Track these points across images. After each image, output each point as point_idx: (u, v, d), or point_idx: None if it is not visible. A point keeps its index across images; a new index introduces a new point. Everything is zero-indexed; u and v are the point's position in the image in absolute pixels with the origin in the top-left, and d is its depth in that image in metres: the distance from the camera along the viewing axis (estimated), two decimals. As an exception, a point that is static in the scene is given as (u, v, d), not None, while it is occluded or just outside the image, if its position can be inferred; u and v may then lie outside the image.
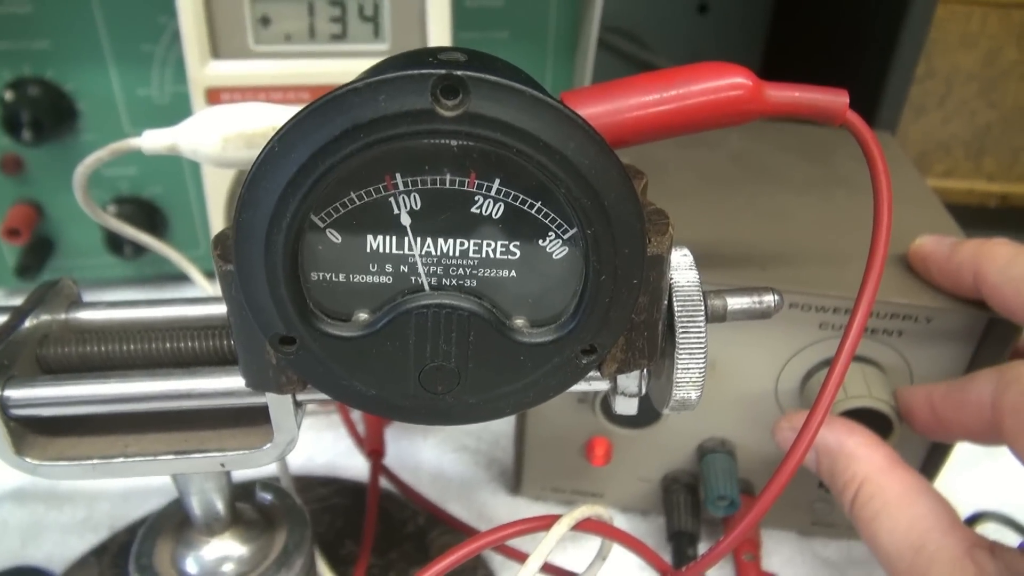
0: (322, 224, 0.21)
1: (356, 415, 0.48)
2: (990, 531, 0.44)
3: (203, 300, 0.29)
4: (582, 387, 0.24)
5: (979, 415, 0.33)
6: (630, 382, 0.25)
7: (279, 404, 0.25)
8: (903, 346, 0.37)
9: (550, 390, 0.23)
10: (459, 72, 0.18)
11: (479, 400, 0.23)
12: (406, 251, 0.21)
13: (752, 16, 0.83)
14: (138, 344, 0.26)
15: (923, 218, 0.42)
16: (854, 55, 0.63)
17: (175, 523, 0.31)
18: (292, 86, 0.44)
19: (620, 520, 0.46)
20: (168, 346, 0.26)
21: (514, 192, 0.20)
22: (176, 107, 0.53)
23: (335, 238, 0.21)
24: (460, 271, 0.22)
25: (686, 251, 0.25)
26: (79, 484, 0.45)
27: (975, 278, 0.34)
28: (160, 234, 0.57)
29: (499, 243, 0.21)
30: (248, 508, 0.32)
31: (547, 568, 0.30)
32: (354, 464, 0.47)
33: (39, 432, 0.26)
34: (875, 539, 0.32)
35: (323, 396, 0.24)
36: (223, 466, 0.26)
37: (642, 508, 0.46)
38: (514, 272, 0.22)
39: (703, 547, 0.43)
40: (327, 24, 0.44)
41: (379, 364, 0.22)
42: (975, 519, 0.44)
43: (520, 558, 0.36)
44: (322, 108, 0.19)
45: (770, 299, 0.26)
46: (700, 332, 0.24)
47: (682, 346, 0.24)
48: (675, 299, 0.24)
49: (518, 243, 0.21)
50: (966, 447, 0.36)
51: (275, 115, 0.30)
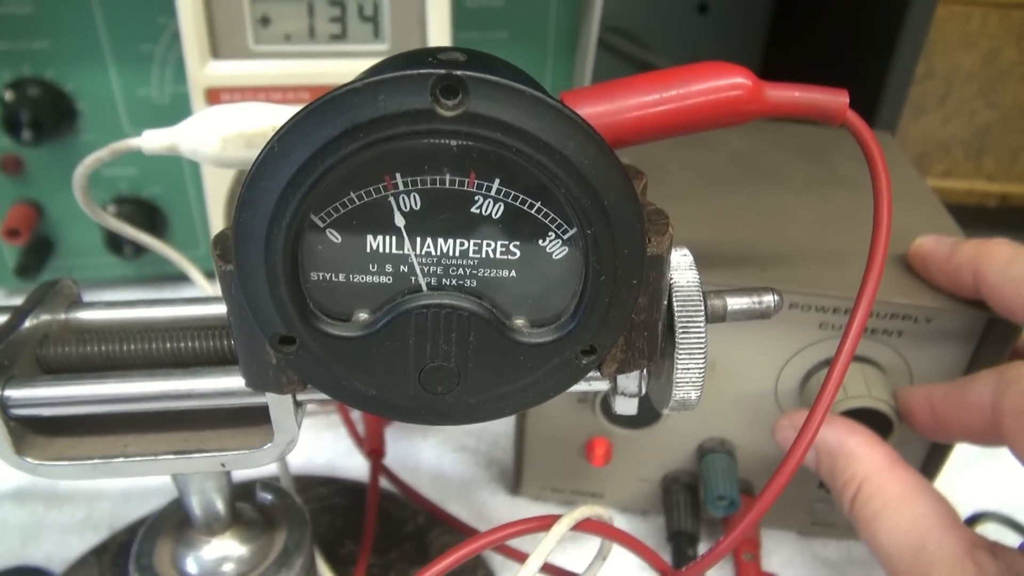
0: (322, 224, 0.21)
1: (356, 415, 0.48)
2: (990, 531, 0.44)
3: (203, 300, 0.29)
4: (582, 387, 0.24)
5: (979, 416, 0.33)
6: (630, 382, 0.25)
7: (279, 404, 0.25)
8: (903, 346, 0.37)
9: (550, 390, 0.23)
10: (459, 72, 0.18)
11: (479, 400, 0.23)
12: (406, 251, 0.21)
13: (752, 16, 0.83)
14: (138, 344, 0.26)
15: (923, 218, 0.42)
16: (854, 55, 0.63)
17: (175, 523, 0.31)
18: (292, 86, 0.44)
19: (620, 520, 0.46)
20: (168, 346, 0.26)
21: (514, 192, 0.20)
22: (176, 107, 0.53)
23: (335, 238, 0.21)
24: (460, 271, 0.22)
25: (686, 251, 0.25)
26: (79, 484, 0.45)
27: (975, 278, 0.34)
28: (160, 234, 0.57)
29: (499, 243, 0.21)
30: (248, 508, 0.32)
31: (547, 568, 0.30)
32: (354, 464, 0.47)
33: (39, 432, 0.26)
34: (875, 539, 0.32)
35: (323, 396, 0.24)
36: (223, 466, 0.26)
37: (642, 508, 0.46)
38: (514, 272, 0.22)
39: (703, 547, 0.43)
40: (327, 24, 0.44)
41: (379, 364, 0.22)
42: (975, 519, 0.44)
43: (520, 558, 0.36)
44: (322, 108, 0.19)
45: (770, 299, 0.26)
46: (700, 332, 0.24)
47: (682, 346, 0.24)
48: (675, 299, 0.24)
49: (518, 243, 0.21)
50: (966, 447, 0.36)
51: (275, 115, 0.30)
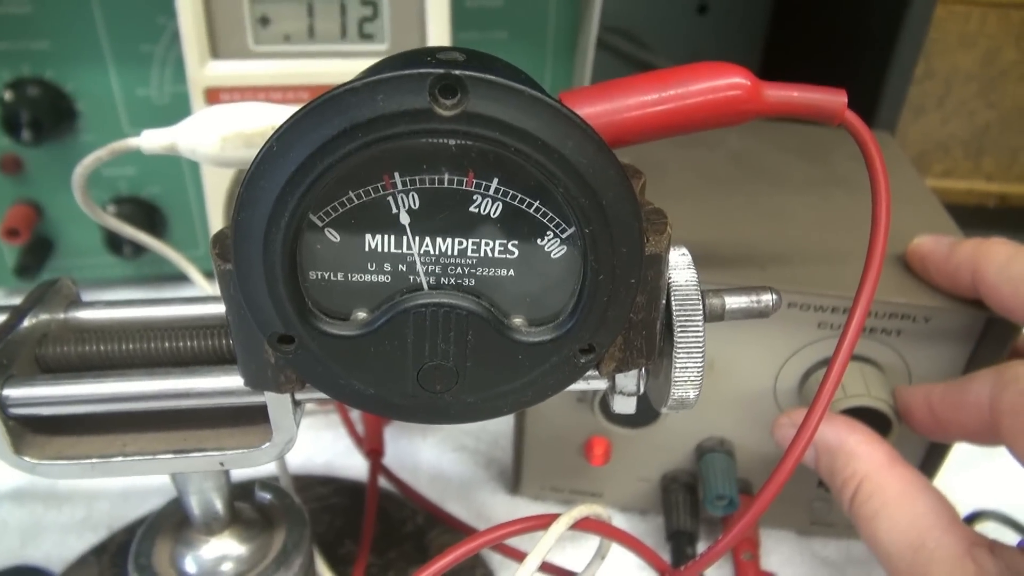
0: (320, 223, 0.21)
1: (355, 415, 0.48)
2: (989, 530, 0.44)
3: (202, 299, 0.29)
4: (580, 386, 0.24)
5: (977, 415, 0.33)
6: (628, 381, 0.25)
7: (278, 403, 0.25)
8: (902, 345, 0.37)
9: (548, 389, 0.23)
10: (457, 71, 0.18)
11: (477, 399, 0.23)
12: (404, 250, 0.21)
13: (751, 16, 0.83)
14: (137, 343, 0.26)
15: (922, 218, 0.42)
16: (853, 55, 0.63)
17: (174, 522, 0.31)
18: (291, 86, 0.44)
19: (619, 519, 0.46)
20: (167, 345, 0.26)
21: (512, 191, 0.21)
22: (175, 107, 0.53)
23: (333, 237, 0.21)
24: (458, 270, 0.22)
25: (684, 250, 0.25)
26: (78, 484, 0.45)
27: (973, 277, 0.34)
28: (159, 234, 0.57)
29: (497, 242, 0.21)
30: (247, 507, 0.32)
31: (546, 567, 0.30)
32: (353, 464, 0.47)
33: (38, 431, 0.26)
34: (874, 537, 0.32)
35: (322, 395, 0.24)
36: (222, 465, 0.26)
37: (641, 507, 0.46)
38: (512, 271, 0.22)
39: (702, 546, 0.43)
40: (326, 24, 0.44)
41: (377, 363, 0.22)
42: (974, 518, 0.44)
43: (519, 557, 0.36)
44: (320, 107, 0.19)
45: (768, 298, 0.26)
46: (698, 331, 0.24)
47: (680, 345, 0.24)
48: (673, 298, 0.24)
49: (516, 242, 0.21)
50: (964, 446, 0.36)
51: (273, 115, 0.30)
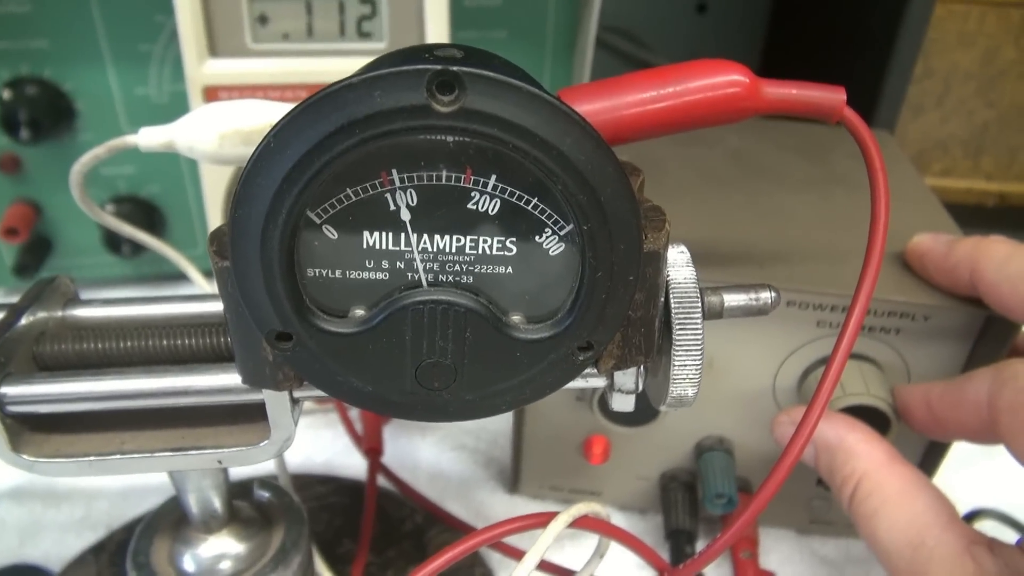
0: (318, 220, 0.21)
1: (354, 413, 0.48)
2: (988, 528, 0.44)
3: (200, 297, 0.29)
4: (579, 384, 0.24)
5: (976, 414, 0.33)
6: (627, 379, 0.25)
7: (276, 401, 0.25)
8: (900, 344, 0.37)
9: (547, 387, 0.23)
10: (455, 68, 0.18)
11: (476, 396, 0.23)
12: (402, 247, 0.21)
13: (751, 16, 0.83)
14: (135, 341, 0.26)
15: (921, 217, 0.42)
16: (852, 54, 0.63)
17: (172, 521, 0.31)
18: (290, 84, 0.44)
19: (618, 518, 0.46)
20: (165, 343, 0.26)
21: (511, 188, 0.20)
22: (174, 106, 0.53)
23: (331, 234, 0.21)
24: (457, 267, 0.22)
25: (683, 248, 0.25)
26: (77, 482, 0.45)
27: (972, 276, 0.34)
28: (158, 233, 0.57)
29: (496, 239, 0.21)
30: (246, 506, 0.32)
31: (544, 566, 0.30)
32: (352, 462, 0.47)
33: (36, 429, 0.26)
34: (874, 535, 0.32)
35: (320, 393, 0.24)
36: (220, 463, 0.26)
37: (640, 506, 0.46)
38: (511, 268, 0.22)
39: (701, 545, 0.43)
40: (325, 23, 0.44)
41: (375, 360, 0.22)
42: (973, 516, 0.44)
43: (518, 556, 0.36)
44: (317, 104, 0.19)
45: (767, 296, 0.26)
46: (697, 329, 0.24)
47: (679, 343, 0.24)
48: (672, 296, 0.24)
49: (515, 239, 0.21)
50: (963, 445, 0.36)
51: (271, 112, 0.30)
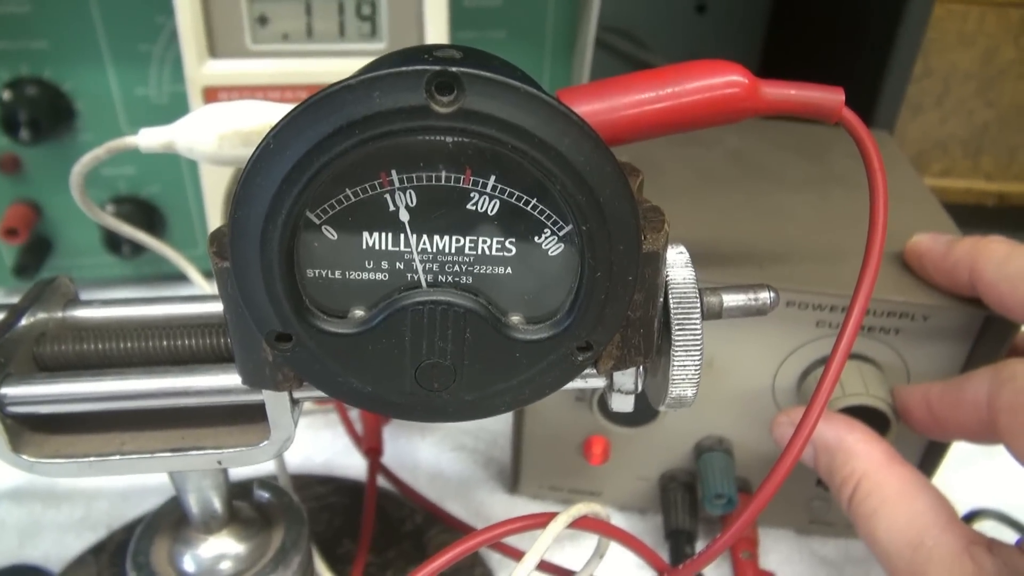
0: (318, 221, 0.21)
1: (354, 414, 0.48)
2: (987, 528, 0.44)
3: (200, 298, 0.29)
4: (578, 384, 0.24)
5: (975, 414, 0.33)
6: (626, 379, 0.25)
7: (276, 401, 0.25)
8: (900, 344, 0.37)
9: (546, 387, 0.23)
10: (454, 69, 0.18)
11: (475, 397, 0.23)
12: (402, 248, 0.21)
13: (750, 16, 0.83)
14: (135, 342, 0.26)
15: (920, 217, 0.42)
16: (852, 54, 0.63)
17: (172, 521, 0.31)
18: (290, 85, 0.44)
19: (618, 518, 0.46)
20: (165, 344, 0.26)
21: (510, 189, 0.21)
22: (174, 106, 0.53)
23: (331, 235, 0.21)
24: (456, 268, 0.22)
25: (682, 248, 0.25)
26: (77, 483, 0.45)
27: (971, 276, 0.34)
28: (158, 233, 0.57)
29: (495, 240, 0.21)
30: (245, 506, 0.32)
31: (544, 566, 0.30)
32: (352, 463, 0.47)
33: (36, 430, 0.26)
34: (873, 535, 0.32)
35: (319, 393, 0.24)
36: (220, 463, 0.26)
37: (640, 506, 0.46)
38: (510, 269, 0.22)
39: (700, 545, 0.43)
40: (325, 23, 0.44)
41: (375, 361, 0.22)
42: (972, 516, 0.44)
43: (517, 556, 0.36)
44: (316, 105, 0.19)
45: (766, 296, 0.26)
46: (696, 329, 0.24)
47: (678, 343, 0.24)
48: (671, 296, 0.24)
49: (514, 240, 0.21)
50: (963, 445, 0.36)
51: (270, 112, 0.30)
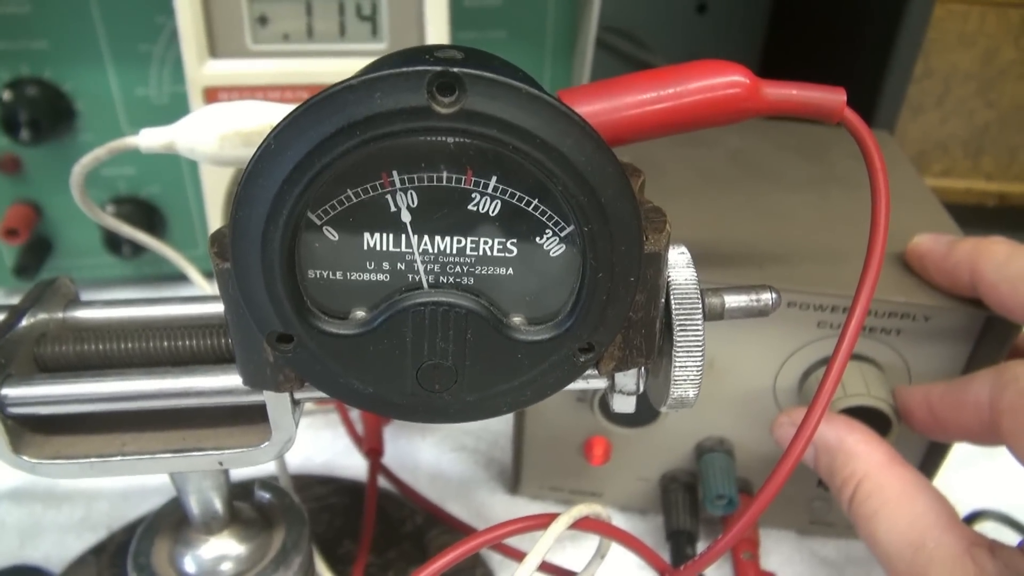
0: (319, 222, 0.21)
1: (355, 414, 0.48)
2: (988, 530, 0.44)
3: (200, 299, 0.29)
4: (580, 385, 0.24)
5: (977, 415, 0.33)
6: (628, 380, 0.25)
7: (277, 402, 0.25)
8: (901, 345, 0.37)
9: (547, 388, 0.23)
10: (455, 69, 0.18)
11: (476, 398, 0.23)
12: (403, 249, 0.21)
13: (750, 16, 0.83)
14: (135, 342, 0.26)
15: (921, 217, 0.42)
16: (852, 55, 0.63)
17: (173, 522, 0.31)
18: (290, 85, 0.44)
19: (619, 519, 0.46)
20: (165, 344, 0.26)
21: (511, 189, 0.20)
22: (174, 107, 0.53)
23: (332, 236, 0.21)
24: (457, 269, 0.22)
25: (683, 249, 0.25)
26: (77, 483, 0.45)
27: (972, 276, 0.34)
28: (158, 234, 0.57)
29: (496, 241, 0.21)
30: (246, 507, 0.32)
31: (545, 567, 0.30)
32: (352, 463, 0.47)
33: (37, 430, 0.26)
34: (874, 537, 0.32)
35: (320, 394, 0.24)
36: (221, 464, 0.26)
37: (640, 507, 0.46)
38: (511, 270, 0.22)
39: (701, 546, 0.43)
40: (325, 24, 0.44)
41: (376, 362, 0.22)
42: (973, 518, 0.44)
43: (519, 557, 0.36)
44: (318, 105, 0.19)
45: (768, 297, 0.26)
46: (698, 330, 0.24)
47: (680, 344, 0.24)
48: (672, 297, 0.24)
49: (515, 241, 0.21)
50: (964, 445, 0.36)
51: (271, 113, 0.30)
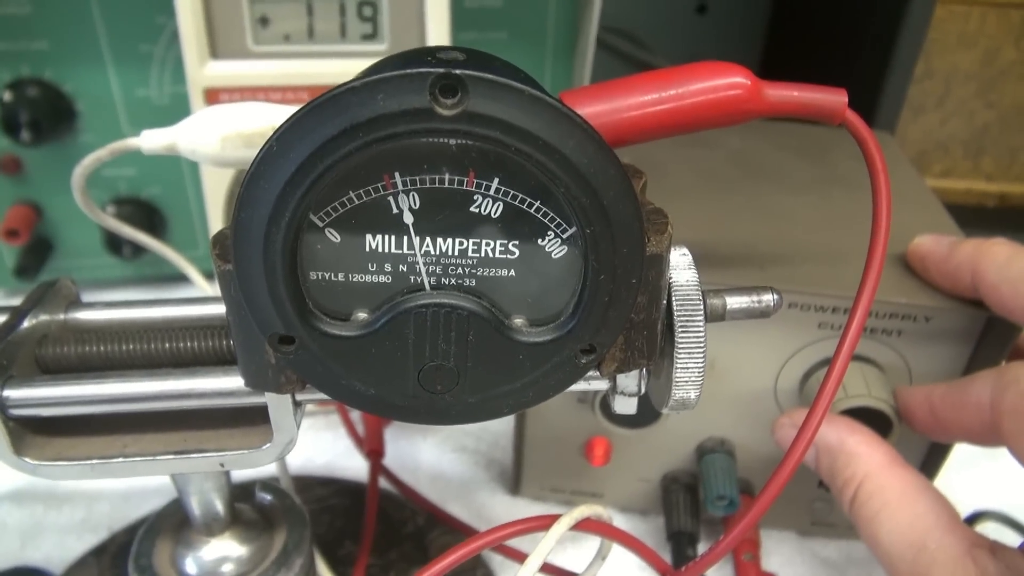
0: (321, 223, 0.21)
1: (355, 415, 0.48)
2: (990, 530, 0.44)
3: (202, 300, 0.29)
4: (581, 386, 0.24)
5: (978, 416, 0.33)
6: (629, 381, 0.25)
7: (278, 404, 0.25)
8: (902, 345, 0.37)
9: (549, 389, 0.23)
10: (458, 71, 0.18)
11: (478, 399, 0.23)
12: (405, 250, 0.21)
13: (751, 16, 0.83)
14: (137, 344, 0.26)
15: (922, 218, 0.42)
16: (853, 55, 0.63)
17: (174, 523, 0.31)
18: (291, 86, 0.44)
19: (619, 520, 0.46)
20: (167, 346, 0.26)
21: (513, 191, 0.20)
22: (175, 107, 0.53)
23: (334, 237, 0.21)
24: (459, 270, 0.22)
25: (685, 250, 0.25)
26: (78, 485, 0.45)
27: (973, 278, 0.34)
28: (159, 234, 0.57)
29: (498, 242, 0.21)
30: (247, 508, 0.32)
31: (547, 568, 0.30)
32: (353, 464, 0.47)
33: (38, 432, 0.26)
34: (875, 538, 0.32)
35: (322, 396, 0.24)
36: (222, 466, 0.26)
37: (641, 508, 0.46)
38: (513, 271, 0.22)
39: (702, 547, 0.43)
40: (326, 24, 0.44)
41: (378, 363, 0.22)
42: (975, 518, 0.44)
43: (520, 558, 0.36)
44: (320, 107, 0.19)
45: (769, 298, 0.26)
46: (699, 331, 0.24)
47: (681, 345, 0.24)
48: (674, 298, 0.24)
49: (517, 242, 0.21)
50: (966, 446, 0.36)
51: (273, 114, 0.30)
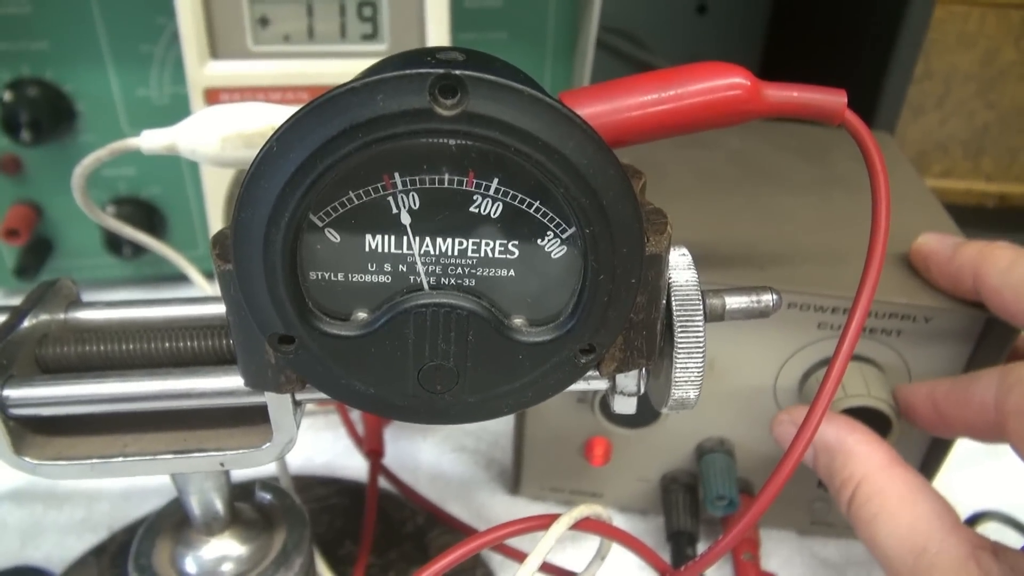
0: (321, 223, 0.21)
1: (355, 415, 0.48)
2: (991, 531, 0.44)
3: (202, 300, 0.29)
4: (581, 386, 0.24)
5: (982, 414, 0.33)
6: (629, 381, 0.25)
7: (278, 403, 0.25)
8: (902, 346, 0.37)
9: (549, 389, 0.23)
10: (457, 71, 0.18)
11: (478, 399, 0.23)
12: (405, 250, 0.21)
13: (751, 17, 0.83)
14: (137, 344, 0.26)
15: (922, 218, 0.42)
16: (853, 56, 0.63)
17: (174, 523, 0.31)
18: (291, 86, 0.44)
19: (619, 520, 0.46)
20: (167, 345, 0.26)
21: (513, 191, 0.21)
22: (175, 107, 0.53)
23: (334, 237, 0.21)
24: (459, 270, 0.22)
25: (684, 250, 0.25)
26: (78, 484, 0.45)
27: (975, 281, 0.34)
28: (159, 234, 0.57)
29: (498, 242, 0.21)
30: (247, 508, 0.32)
31: (546, 567, 0.30)
32: (353, 464, 0.47)
33: (38, 432, 0.26)
34: (874, 540, 0.32)
35: (322, 395, 0.24)
36: (222, 465, 0.26)
37: (641, 508, 0.46)
38: (513, 271, 0.22)
39: (702, 547, 0.43)
40: (326, 25, 0.44)
41: (378, 363, 0.22)
42: (976, 519, 0.44)
43: (519, 558, 0.36)
44: (320, 108, 0.19)
45: (768, 298, 0.26)
46: (698, 331, 0.24)
47: (680, 345, 0.24)
48: (673, 298, 0.24)
49: (517, 242, 0.21)
50: (966, 445, 0.36)
51: (273, 115, 0.30)
